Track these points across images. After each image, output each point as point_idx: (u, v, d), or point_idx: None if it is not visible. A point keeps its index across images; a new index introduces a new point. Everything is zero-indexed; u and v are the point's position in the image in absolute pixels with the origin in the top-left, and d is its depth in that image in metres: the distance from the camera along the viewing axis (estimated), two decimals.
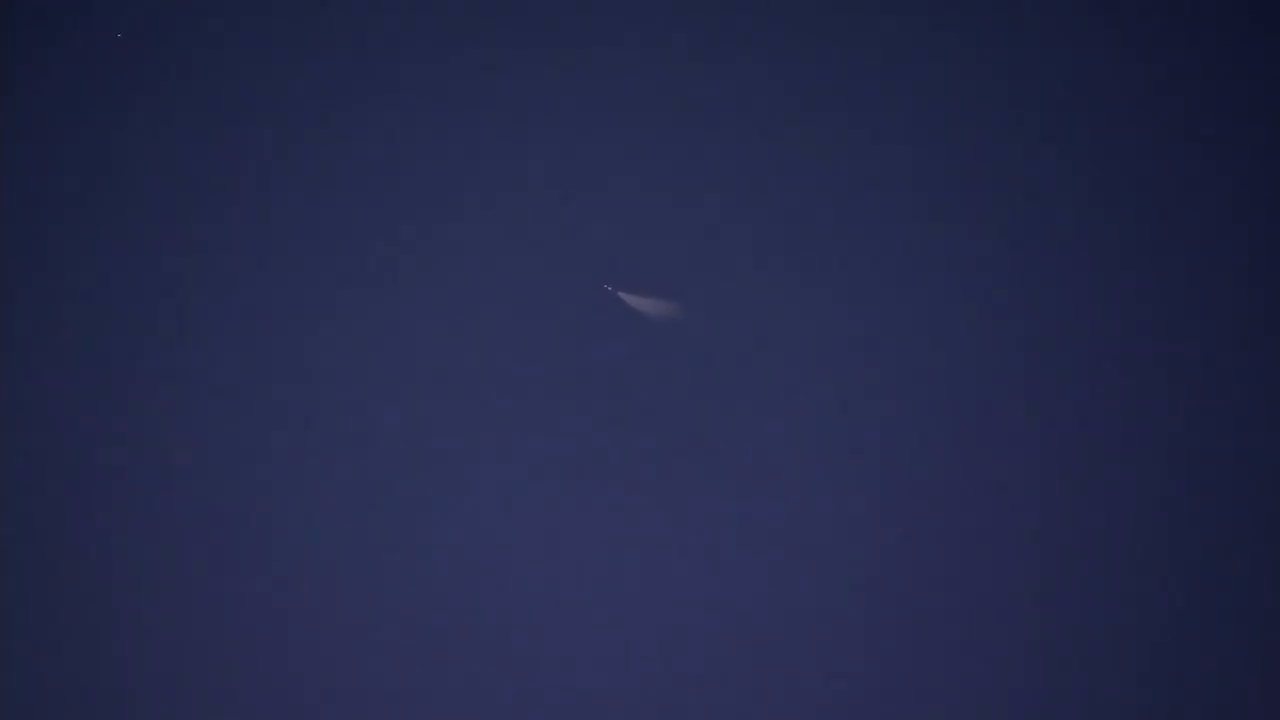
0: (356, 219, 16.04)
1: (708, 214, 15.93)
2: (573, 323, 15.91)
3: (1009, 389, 15.67)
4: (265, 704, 15.46)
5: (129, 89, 16.14)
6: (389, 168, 16.08)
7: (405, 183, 16.07)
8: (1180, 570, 15.39)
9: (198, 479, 15.73)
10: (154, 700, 15.46)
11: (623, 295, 15.84)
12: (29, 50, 16.10)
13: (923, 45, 15.92)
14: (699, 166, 15.98)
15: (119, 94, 16.13)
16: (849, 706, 15.41)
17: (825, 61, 15.95)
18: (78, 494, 15.67)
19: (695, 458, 15.71)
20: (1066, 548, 15.48)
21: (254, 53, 16.15)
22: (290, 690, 15.48)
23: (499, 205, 16.04)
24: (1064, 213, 15.76)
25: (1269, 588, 15.30)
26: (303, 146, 16.06)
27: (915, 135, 15.88)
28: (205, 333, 15.90)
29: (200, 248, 16.01)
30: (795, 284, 15.85)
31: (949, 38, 15.90)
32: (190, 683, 15.48)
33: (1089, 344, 15.63)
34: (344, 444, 15.80)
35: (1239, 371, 15.51)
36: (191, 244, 16.01)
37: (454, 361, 15.89)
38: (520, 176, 16.01)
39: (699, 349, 15.84)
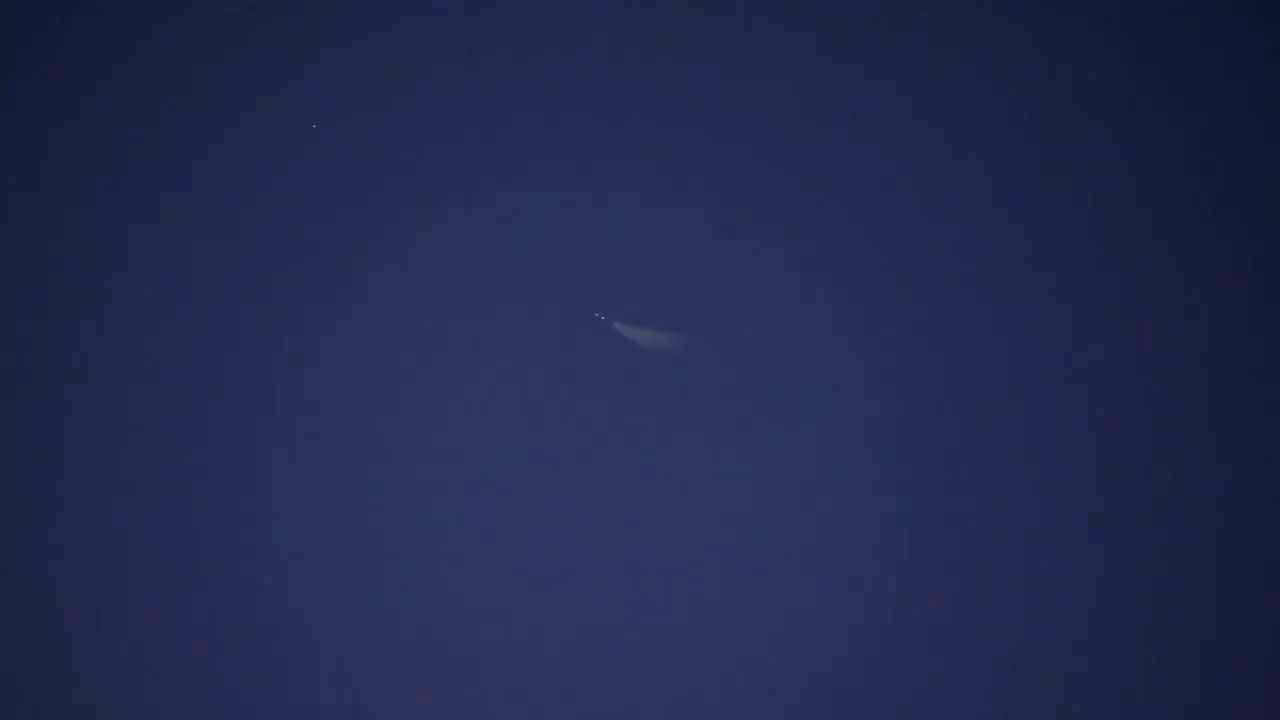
0: (358, 222, 16.04)
1: (708, 219, 15.93)
2: (572, 326, 15.92)
3: (1016, 396, 15.66)
4: (265, 703, 15.49)
5: (128, 87, 16.13)
6: (389, 170, 16.07)
7: (403, 185, 16.08)
8: (1189, 574, 15.40)
9: (197, 479, 15.75)
10: (155, 700, 15.49)
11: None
12: (28, 49, 16.10)
13: (929, 47, 15.89)
14: (697, 170, 15.97)
15: (118, 93, 16.13)
16: (855, 709, 15.43)
17: (830, 65, 15.93)
18: (77, 493, 15.69)
19: (698, 462, 15.72)
20: (1076, 555, 15.48)
21: (253, 53, 16.14)
22: (291, 689, 15.51)
23: (497, 205, 16.05)
24: (1074, 217, 15.75)
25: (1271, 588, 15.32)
26: (300, 150, 16.06)
27: (919, 139, 15.87)
28: (203, 334, 15.91)
29: (198, 249, 16.01)
30: (799, 290, 15.85)
31: (956, 38, 15.88)
32: (191, 683, 15.50)
33: (1101, 353, 15.63)
34: (344, 448, 15.82)
35: (1251, 372, 15.51)
36: (190, 244, 16.01)
37: (452, 361, 15.90)
38: (519, 180, 16.01)
39: (703, 353, 15.84)
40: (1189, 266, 15.64)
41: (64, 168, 16.04)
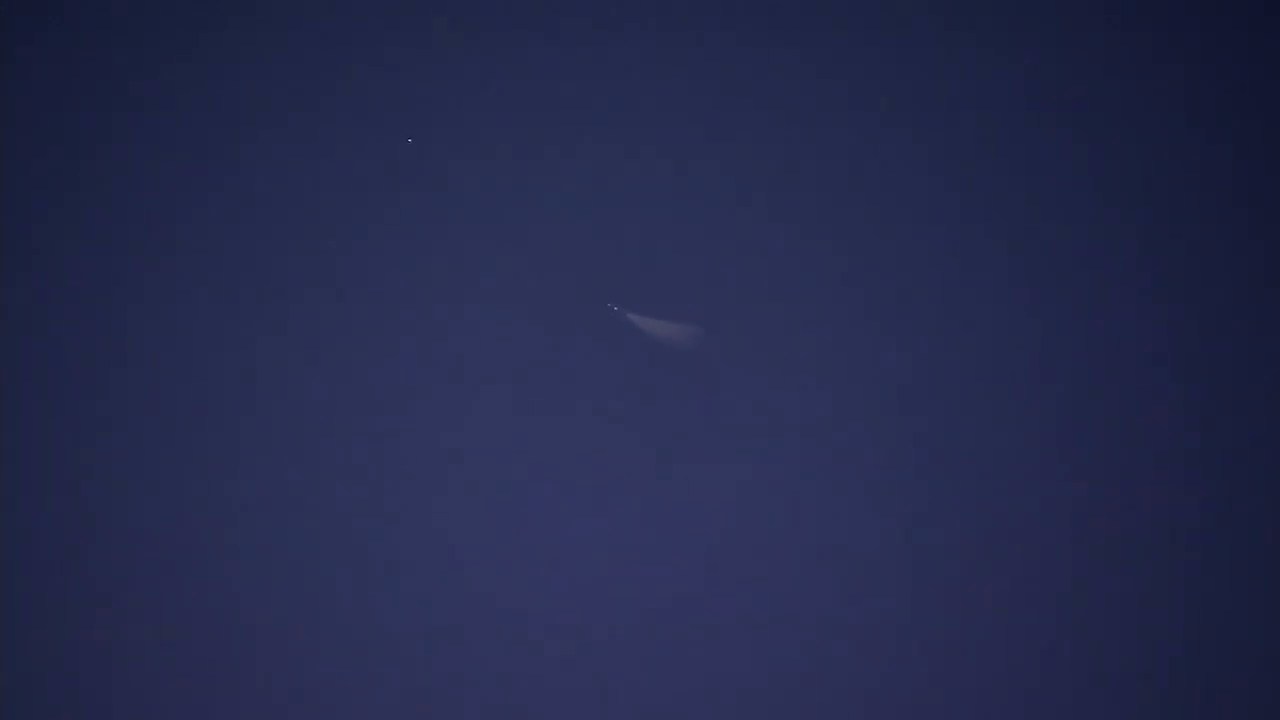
0: (358, 221, 16.02)
1: (714, 219, 15.92)
2: (576, 325, 15.90)
3: (1018, 395, 15.66)
4: (263, 703, 15.46)
5: (127, 86, 16.11)
6: (391, 170, 16.05)
7: (406, 184, 16.06)
8: (1193, 577, 15.40)
9: (196, 479, 15.71)
10: (153, 700, 15.47)
11: (628, 301, 15.83)
12: (28, 49, 16.08)
13: (935, 47, 15.89)
14: (704, 170, 15.97)
15: (118, 92, 16.11)
16: (850, 710, 15.42)
17: (838, 65, 15.92)
18: (77, 492, 15.66)
19: (702, 463, 15.70)
20: (1077, 558, 15.47)
21: (254, 53, 16.12)
22: (289, 690, 15.48)
23: (501, 206, 16.04)
24: (1079, 218, 15.75)
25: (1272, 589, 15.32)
26: (303, 149, 16.04)
27: (924, 139, 15.87)
28: (204, 334, 15.88)
29: (199, 248, 15.99)
30: (805, 290, 15.84)
31: (960, 39, 15.88)
32: (190, 684, 15.47)
33: (1104, 353, 15.63)
34: (346, 448, 15.79)
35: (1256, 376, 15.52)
36: (191, 244, 15.99)
37: (453, 362, 15.88)
38: (524, 179, 16.00)
39: (707, 353, 15.83)
40: (1200, 267, 15.64)
41: (63, 168, 16.02)
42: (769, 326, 15.82)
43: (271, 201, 15.98)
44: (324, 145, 16.05)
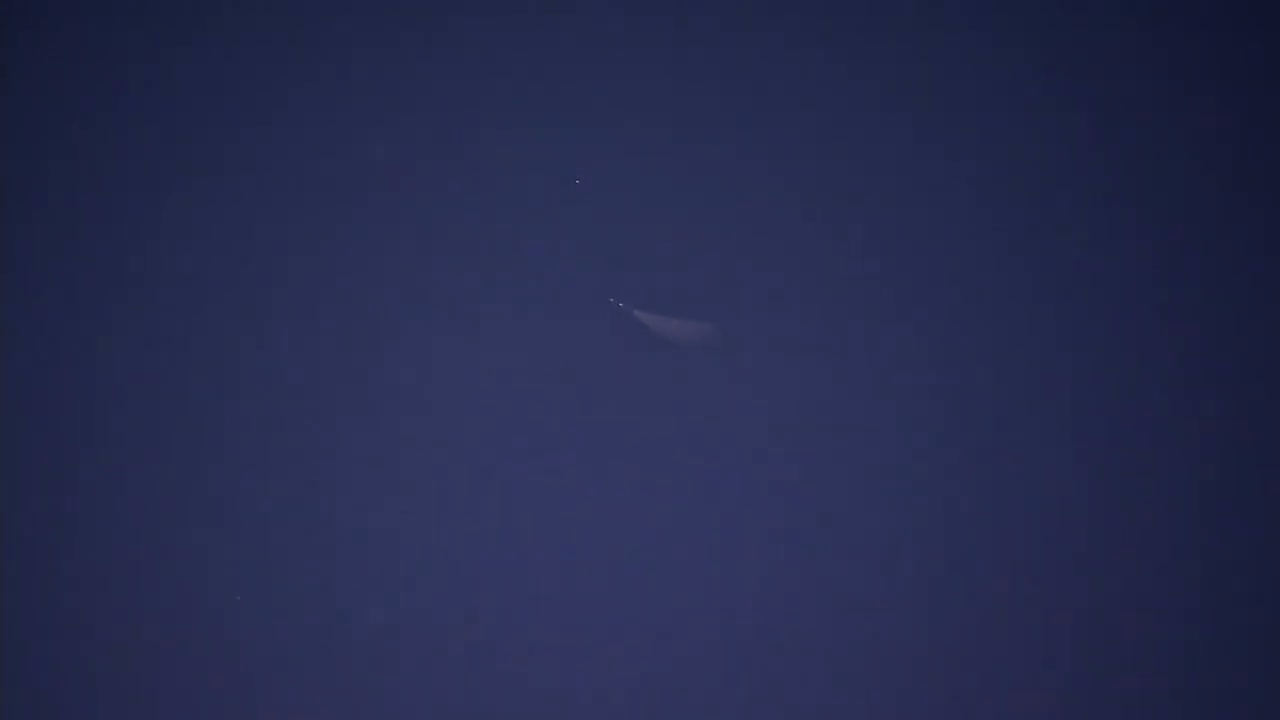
0: (360, 220, 16.06)
1: (717, 217, 15.96)
2: (579, 322, 15.93)
3: (1017, 392, 15.68)
4: (262, 702, 15.46)
5: (127, 85, 16.15)
6: (393, 167, 16.10)
7: (408, 181, 16.10)
8: (1195, 577, 15.42)
9: (196, 479, 15.73)
10: (152, 700, 15.47)
11: (630, 300, 15.86)
12: (28, 48, 16.13)
13: (953, 49, 15.94)
14: (704, 168, 16.01)
15: (117, 91, 16.15)
16: (849, 710, 15.42)
17: (842, 63, 15.98)
18: (78, 492, 15.68)
19: (709, 463, 15.73)
20: (1077, 557, 15.48)
21: (255, 51, 16.17)
22: (290, 689, 15.48)
23: (507, 205, 16.08)
24: (1079, 215, 15.79)
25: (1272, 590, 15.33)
26: (303, 147, 16.08)
27: (926, 137, 15.90)
28: (206, 334, 15.92)
29: (200, 248, 16.02)
30: (807, 288, 15.87)
31: (979, 39, 15.94)
32: (190, 684, 15.48)
33: (1102, 351, 15.66)
34: (348, 447, 15.81)
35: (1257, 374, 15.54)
36: (192, 244, 16.02)
37: (456, 362, 15.90)
38: (528, 177, 16.05)
39: (716, 351, 15.87)
40: (1210, 267, 15.69)
41: (62, 168, 16.06)
42: (778, 325, 15.86)
43: (273, 201, 16.03)
44: (326, 145, 16.10)
